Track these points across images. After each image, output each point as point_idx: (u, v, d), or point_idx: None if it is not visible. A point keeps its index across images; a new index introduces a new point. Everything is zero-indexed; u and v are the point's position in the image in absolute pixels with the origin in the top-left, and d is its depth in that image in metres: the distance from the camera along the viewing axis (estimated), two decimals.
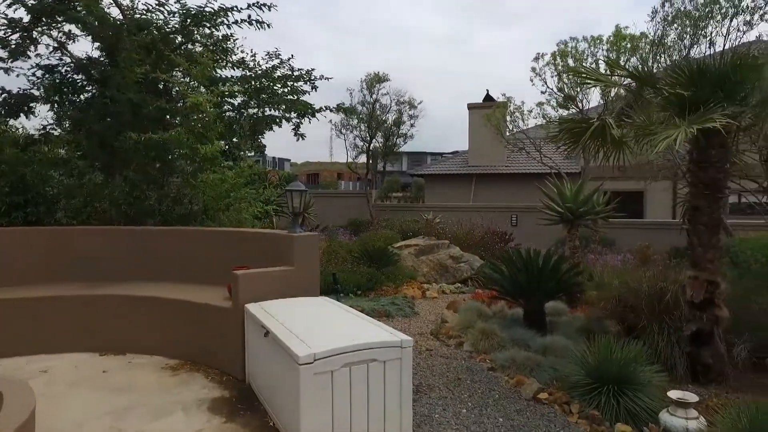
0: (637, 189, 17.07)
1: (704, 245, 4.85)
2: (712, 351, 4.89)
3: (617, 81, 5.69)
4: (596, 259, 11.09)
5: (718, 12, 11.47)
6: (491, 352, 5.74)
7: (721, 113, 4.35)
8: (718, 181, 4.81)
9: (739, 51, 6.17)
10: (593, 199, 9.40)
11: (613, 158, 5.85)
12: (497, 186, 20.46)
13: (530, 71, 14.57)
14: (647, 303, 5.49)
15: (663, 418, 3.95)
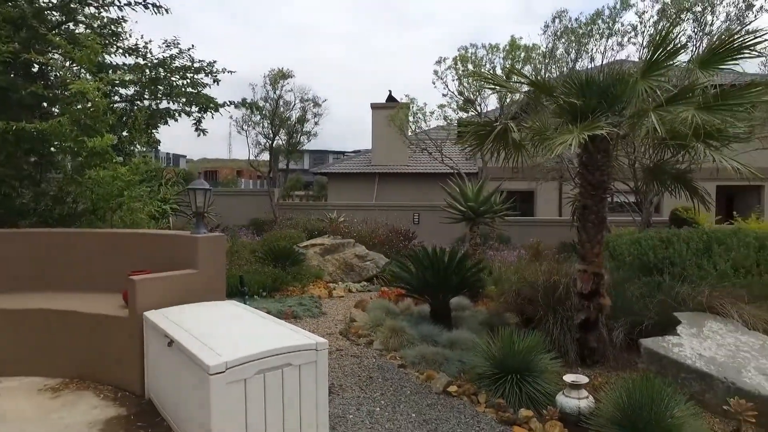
0: (529, 189, 18.39)
1: (591, 241, 5.34)
2: (597, 336, 5.39)
3: (517, 87, 6.07)
4: (495, 255, 11.76)
5: (596, 32, 12.72)
6: (401, 349, 5.84)
7: (605, 122, 4.81)
8: (603, 182, 5.32)
9: (613, 67, 6.85)
10: (492, 198, 9.96)
11: (513, 160, 6.24)
12: (400, 185, 20.94)
13: (433, 74, 15.09)
14: (543, 295, 5.93)
15: (559, 400, 4.28)
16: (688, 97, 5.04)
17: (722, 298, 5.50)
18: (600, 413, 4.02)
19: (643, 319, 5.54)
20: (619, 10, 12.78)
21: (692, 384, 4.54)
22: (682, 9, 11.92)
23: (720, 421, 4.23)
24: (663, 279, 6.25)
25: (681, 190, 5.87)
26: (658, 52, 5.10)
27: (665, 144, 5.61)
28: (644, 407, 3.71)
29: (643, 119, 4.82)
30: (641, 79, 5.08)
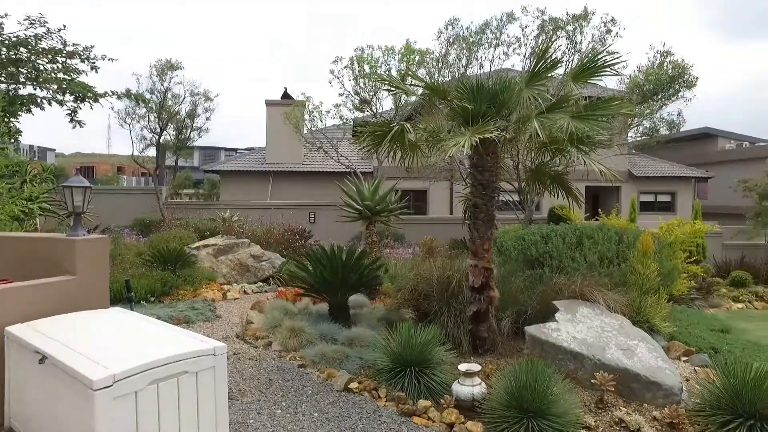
0: (422, 188, 19.08)
1: (482, 237, 5.70)
2: (487, 326, 5.77)
3: (413, 90, 6.29)
4: (390, 253, 12.06)
5: (485, 41, 13.58)
6: (300, 349, 5.79)
7: (494, 126, 5.17)
8: (492, 182, 5.71)
9: (500, 75, 7.37)
10: (388, 197, 10.20)
11: (408, 160, 6.46)
12: (295, 184, 20.64)
13: (329, 73, 15.07)
14: (437, 290, 6.21)
15: (455, 389, 4.53)
16: (564, 107, 5.59)
17: (591, 286, 6.18)
18: (492, 397, 4.32)
19: (528, 308, 6.05)
20: (505, 23, 13.77)
21: (568, 363, 5.04)
22: (558, 27, 13.16)
23: (589, 393, 4.75)
24: (544, 271, 6.85)
25: (558, 189, 6.48)
26: (540, 64, 5.60)
27: (545, 148, 6.14)
28: (529, 388, 4.06)
29: (527, 124, 5.26)
30: (525, 87, 5.53)
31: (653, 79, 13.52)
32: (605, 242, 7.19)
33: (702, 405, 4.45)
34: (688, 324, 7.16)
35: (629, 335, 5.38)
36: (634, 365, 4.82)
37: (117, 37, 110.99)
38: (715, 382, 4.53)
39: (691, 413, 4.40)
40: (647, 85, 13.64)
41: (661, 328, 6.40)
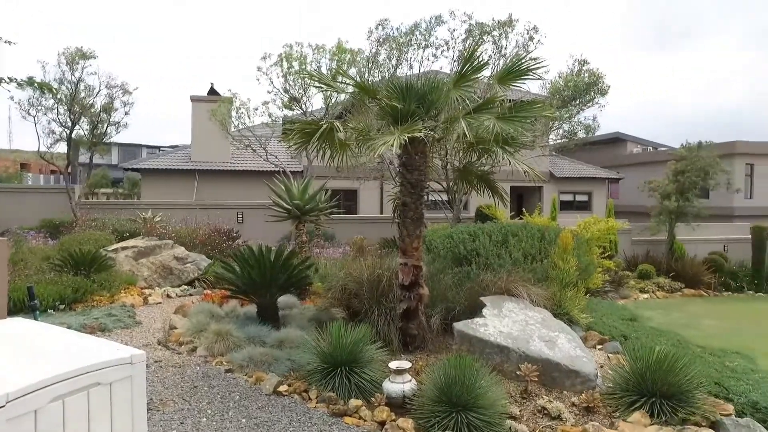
0: (352, 187, 19.06)
1: (411, 236, 5.76)
2: (417, 323, 5.85)
3: (343, 88, 6.24)
4: (321, 252, 11.95)
5: (415, 42, 13.77)
6: (227, 353, 5.58)
7: (423, 125, 5.24)
8: (421, 182, 5.79)
9: (429, 76, 7.50)
10: (318, 196, 10.08)
11: (338, 159, 6.41)
12: (223, 183, 19.93)
13: (256, 70, 14.67)
14: (367, 289, 6.21)
15: (385, 387, 4.54)
16: (490, 108, 5.77)
17: (516, 281, 6.43)
18: (422, 393, 4.38)
19: (456, 305, 6.19)
20: (434, 25, 14.04)
21: (495, 357, 5.22)
22: (484, 32, 13.61)
23: (514, 384, 4.94)
24: (471, 268, 7.05)
25: (485, 189, 6.69)
26: (467, 66, 5.74)
27: (473, 148, 6.32)
28: (457, 383, 4.15)
29: (455, 125, 5.37)
30: (453, 88, 5.66)
31: (572, 86, 14.34)
32: (529, 240, 7.52)
33: (613, 388, 4.77)
34: (603, 314, 7.64)
35: (551, 327, 5.65)
36: (555, 355, 5.07)
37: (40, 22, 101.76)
38: (624, 366, 4.88)
39: (605, 396, 4.70)
40: (566, 91, 14.44)
41: (579, 319, 6.80)
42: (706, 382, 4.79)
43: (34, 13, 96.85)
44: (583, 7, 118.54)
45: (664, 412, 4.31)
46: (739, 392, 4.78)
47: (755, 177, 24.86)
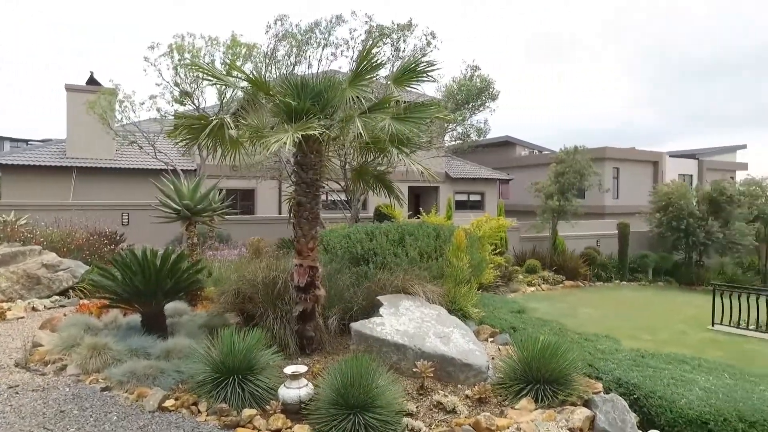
0: (249, 187, 18.39)
1: (306, 236, 5.63)
2: (314, 325, 5.74)
3: (235, 83, 5.94)
4: (215, 255, 11.35)
5: (314, 41, 13.58)
6: (104, 369, 5.05)
7: (318, 123, 5.13)
8: (317, 181, 5.68)
9: (328, 74, 7.42)
10: (210, 196, 9.55)
11: (231, 157, 6.10)
12: (105, 181, 18.21)
13: (143, 60, 13.59)
14: (263, 292, 5.98)
15: (281, 393, 4.38)
16: (385, 108, 5.81)
17: (412, 280, 6.56)
18: (319, 397, 4.28)
19: (354, 305, 6.16)
20: (334, 24, 13.94)
21: (392, 355, 5.26)
22: (384, 34, 13.79)
23: (411, 381, 5.01)
24: (369, 268, 7.07)
25: (381, 188, 6.74)
26: (363, 64, 5.73)
27: (369, 148, 6.33)
28: (354, 384, 4.11)
29: (351, 124, 5.34)
30: (349, 87, 5.61)
31: (465, 90, 15.02)
32: (425, 239, 7.71)
33: (503, 378, 5.02)
34: (494, 308, 8.06)
35: (446, 323, 5.83)
36: (450, 351, 5.22)
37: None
38: (513, 357, 5.16)
39: (496, 386, 4.93)
40: (460, 95, 15.09)
41: (472, 314, 7.10)
42: (581, 365, 5.22)
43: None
44: (480, 18, 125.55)
45: (546, 396, 4.62)
46: (606, 371, 5.26)
47: (621, 179, 27.87)
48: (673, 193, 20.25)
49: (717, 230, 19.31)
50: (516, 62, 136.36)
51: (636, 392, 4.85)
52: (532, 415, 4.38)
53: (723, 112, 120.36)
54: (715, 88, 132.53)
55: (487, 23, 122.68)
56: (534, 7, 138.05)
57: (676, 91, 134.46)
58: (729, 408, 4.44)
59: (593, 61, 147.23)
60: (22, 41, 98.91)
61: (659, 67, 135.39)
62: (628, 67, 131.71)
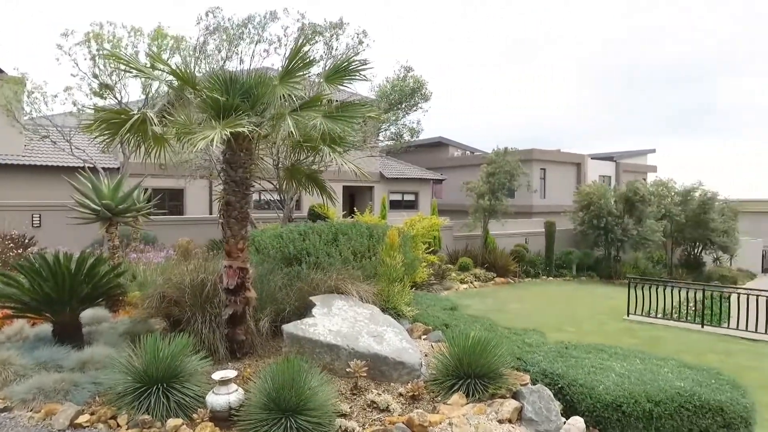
0: (178, 186, 17.59)
1: (236, 236, 5.45)
2: (245, 328, 5.56)
3: (158, 75, 5.63)
4: (139, 257, 10.75)
5: (247, 36, 13.20)
6: (5, 387, 4.61)
7: (248, 120, 4.98)
8: (246, 179, 5.51)
9: (260, 71, 7.21)
10: (134, 195, 9.04)
11: (155, 155, 5.79)
12: (12, 179, 16.76)
13: (57, 48, 12.62)
14: (190, 295, 5.73)
15: (209, 400, 4.20)
16: (317, 106, 5.74)
17: (345, 279, 6.52)
18: (250, 402, 4.15)
19: (286, 306, 6.04)
20: (268, 20, 13.62)
21: (325, 356, 5.20)
22: (316, 32, 13.64)
23: (345, 382, 4.98)
24: (302, 268, 6.96)
25: (313, 187, 6.65)
26: (294, 61, 5.62)
27: (300, 146, 6.23)
28: (286, 387, 4.02)
29: (282, 122, 5.22)
30: (280, 84, 5.49)
31: (398, 90, 15.19)
32: (358, 238, 7.70)
33: (436, 375, 5.10)
34: (427, 306, 8.18)
35: (379, 322, 5.84)
36: (384, 349, 5.24)
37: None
38: (445, 353, 5.25)
39: (429, 383, 5.00)
40: (393, 95, 15.24)
41: (405, 312, 7.16)
42: (510, 359, 5.40)
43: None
44: (414, 17, 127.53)
45: (477, 390, 4.74)
46: (533, 363, 5.49)
47: (547, 180, 29.28)
48: (594, 193, 21.53)
49: (632, 227, 20.75)
50: (451, 65, 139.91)
51: (560, 381, 5.09)
52: (464, 409, 4.48)
53: (637, 119, 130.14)
54: (633, 96, 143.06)
55: (423, 25, 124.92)
56: (470, 12, 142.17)
57: (599, 96, 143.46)
58: (639, 390, 4.77)
59: (525, 66, 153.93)
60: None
61: (584, 75, 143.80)
62: (556, 74, 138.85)
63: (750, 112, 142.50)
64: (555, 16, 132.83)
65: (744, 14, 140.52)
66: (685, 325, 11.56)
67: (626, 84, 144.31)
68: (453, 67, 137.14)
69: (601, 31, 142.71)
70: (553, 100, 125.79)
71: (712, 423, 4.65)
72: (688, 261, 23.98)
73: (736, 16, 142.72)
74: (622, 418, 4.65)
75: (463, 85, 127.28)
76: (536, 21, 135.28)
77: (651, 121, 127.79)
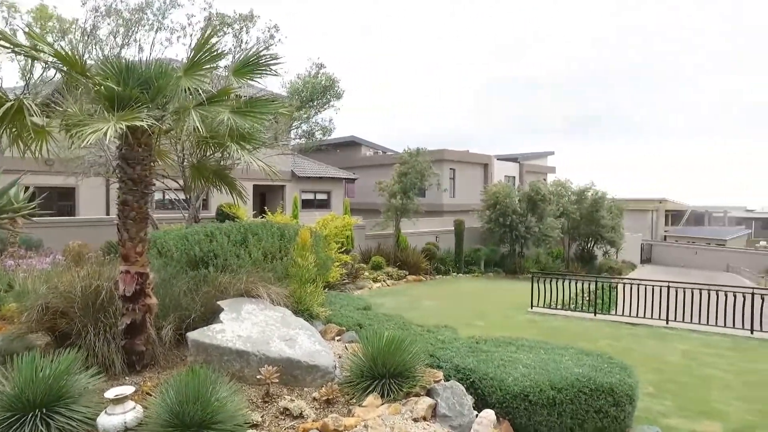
0: (69, 185, 16.02)
1: (134, 239, 5.02)
2: (145, 338, 5.13)
3: (40, 56, 4.98)
4: (18, 264, 9.60)
5: (146, 22, 12.27)
6: None
7: (147, 114, 4.58)
8: (146, 177, 5.08)
9: (162, 62, 6.72)
10: (12, 194, 8.06)
11: (37, 149, 5.16)
12: None
13: None
14: (81, 305, 5.18)
15: (101, 422, 3.80)
16: (224, 100, 5.42)
17: (256, 282, 6.26)
18: (150, 420, 3.81)
19: (192, 312, 5.66)
20: (169, 6, 12.77)
21: (234, 363, 4.94)
22: (225, 23, 13.03)
23: (256, 389, 4.75)
24: (209, 271, 6.58)
25: (222, 185, 6.30)
26: (201, 53, 5.27)
27: (207, 142, 5.87)
28: (190, 400, 3.74)
29: (186, 116, 4.87)
30: (185, 76, 5.11)
31: (310, 87, 14.95)
32: (269, 238, 7.44)
33: (350, 376, 5.03)
34: (341, 306, 8.10)
35: (291, 325, 5.66)
36: (296, 353, 5.08)
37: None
38: (359, 354, 5.19)
39: (343, 386, 4.92)
40: (305, 92, 14.98)
41: (318, 313, 7.03)
42: (424, 356, 5.46)
43: None
44: (325, 16, 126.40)
45: (393, 390, 4.73)
46: (446, 359, 5.60)
47: (457, 179, 30.39)
48: (500, 193, 22.68)
49: (534, 225, 22.13)
50: (360, 65, 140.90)
51: (472, 376, 5.23)
52: (379, 410, 4.45)
53: (539, 122, 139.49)
54: (534, 102, 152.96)
55: (332, 19, 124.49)
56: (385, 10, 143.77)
57: (503, 100, 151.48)
58: (543, 379, 5.03)
59: (431, 70, 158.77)
60: None
61: (489, 80, 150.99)
62: (463, 78, 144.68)
63: (632, 120, 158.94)
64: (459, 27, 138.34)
65: (634, 28, 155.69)
66: (580, 315, 12.50)
67: (529, 91, 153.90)
68: (362, 67, 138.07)
69: (494, 39, 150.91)
70: (457, 103, 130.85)
71: (605, 403, 5.03)
72: (582, 255, 26.06)
73: (625, 27, 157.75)
74: (528, 406, 4.88)
75: (370, 84, 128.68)
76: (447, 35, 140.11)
77: (548, 125, 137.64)
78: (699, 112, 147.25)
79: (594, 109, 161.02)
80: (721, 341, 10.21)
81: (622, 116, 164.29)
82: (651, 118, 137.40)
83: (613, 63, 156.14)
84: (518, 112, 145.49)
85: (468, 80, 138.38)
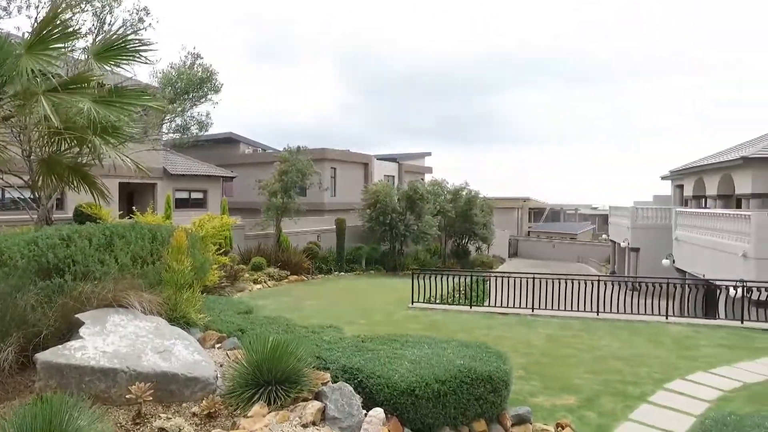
0: None
1: None
2: None
3: None
4: None
5: None
6: None
7: None
8: None
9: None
10: None
11: None
12: None
13: None
14: None
15: None
16: (84, 87, 4.82)
17: (125, 289, 5.64)
18: None
19: (42, 329, 4.92)
20: None
21: (98, 384, 4.39)
22: None
23: (125, 410, 4.28)
24: (65, 280, 5.78)
25: (80, 184, 5.58)
26: (49, 28, 4.60)
27: (62, 135, 5.16)
28: None
29: (34, 103, 4.22)
30: (27, 54, 4.42)
31: (185, 78, 13.95)
32: (139, 241, 6.76)
33: (233, 386, 4.74)
34: (220, 311, 7.66)
35: (165, 335, 5.20)
36: (172, 366, 4.67)
37: None
38: (242, 361, 4.92)
39: (226, 397, 4.62)
40: (179, 83, 13.95)
41: (196, 320, 6.55)
42: (311, 359, 5.34)
43: None
44: (200, 5, 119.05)
45: (279, 396, 4.55)
46: (333, 360, 5.55)
47: (338, 178, 30.51)
48: (380, 192, 23.21)
49: (413, 223, 23.01)
50: (237, 59, 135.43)
51: (359, 375, 5.24)
52: (266, 419, 4.26)
53: (415, 123, 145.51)
54: (409, 103, 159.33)
55: (207, 8, 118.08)
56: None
57: (381, 100, 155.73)
58: (428, 373, 5.21)
59: (311, 66, 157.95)
60: None
61: (367, 80, 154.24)
62: (342, 77, 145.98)
63: (508, 123, 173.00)
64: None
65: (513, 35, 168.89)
66: (458, 308, 13.25)
67: (406, 92, 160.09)
68: (235, 61, 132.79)
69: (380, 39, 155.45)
70: (335, 102, 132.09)
71: (484, 391, 5.36)
72: (458, 251, 27.70)
73: (504, 34, 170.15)
74: (415, 401, 5.01)
75: (250, 80, 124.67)
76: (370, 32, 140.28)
77: (425, 126, 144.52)
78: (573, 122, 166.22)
79: (479, 113, 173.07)
80: (575, 323, 11.51)
81: (503, 122, 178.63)
82: (533, 124, 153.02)
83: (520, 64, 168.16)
84: (395, 113, 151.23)
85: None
